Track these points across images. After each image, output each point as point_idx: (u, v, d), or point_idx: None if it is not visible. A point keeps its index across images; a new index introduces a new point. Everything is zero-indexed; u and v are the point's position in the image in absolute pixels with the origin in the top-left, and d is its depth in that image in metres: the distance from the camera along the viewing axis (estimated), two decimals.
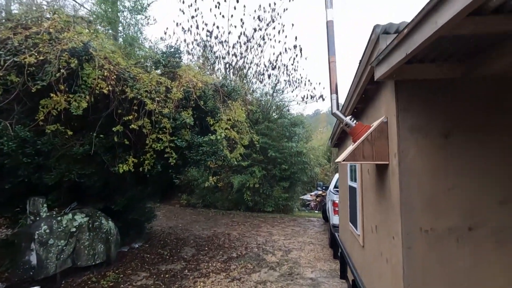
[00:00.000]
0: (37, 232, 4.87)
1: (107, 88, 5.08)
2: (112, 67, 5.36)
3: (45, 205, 5.18)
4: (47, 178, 5.10)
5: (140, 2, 7.76)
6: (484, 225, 2.14)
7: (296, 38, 16.23)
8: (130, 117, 5.33)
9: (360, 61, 2.58)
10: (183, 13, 12.52)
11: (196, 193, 13.35)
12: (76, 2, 11.02)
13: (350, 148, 2.62)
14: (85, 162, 5.56)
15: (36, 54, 4.70)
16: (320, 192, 13.69)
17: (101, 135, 5.44)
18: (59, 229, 5.14)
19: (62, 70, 4.72)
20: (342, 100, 3.82)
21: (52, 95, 4.72)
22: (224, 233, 8.88)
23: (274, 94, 13.72)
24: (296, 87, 13.75)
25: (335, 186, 8.43)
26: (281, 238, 8.57)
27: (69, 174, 5.30)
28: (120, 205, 6.37)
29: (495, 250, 2.13)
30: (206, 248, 7.37)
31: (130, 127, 5.36)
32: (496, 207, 2.14)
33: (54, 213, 5.30)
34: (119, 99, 5.45)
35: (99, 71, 5.06)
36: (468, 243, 2.13)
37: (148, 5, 7.79)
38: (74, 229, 5.36)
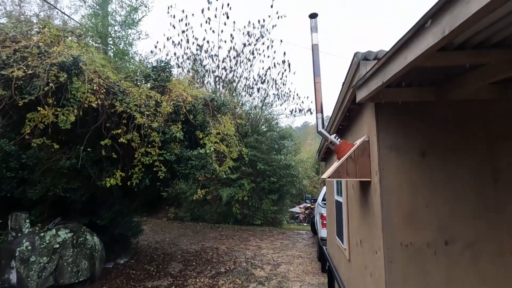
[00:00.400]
0: (18, 249, 4.72)
1: (96, 102, 5.08)
2: (101, 81, 5.39)
3: (27, 220, 5.04)
4: (31, 193, 4.98)
5: (131, 16, 7.86)
6: (459, 239, 2.27)
7: (284, 53, 16.69)
8: (119, 131, 5.33)
9: (343, 83, 2.74)
10: (174, 27, 12.72)
11: (184, 206, 13.18)
12: (65, 14, 11.03)
13: (335, 165, 2.74)
14: (71, 176, 5.47)
15: (24, 67, 4.68)
16: (308, 205, 13.79)
17: (89, 149, 5.39)
18: (42, 246, 4.99)
19: (50, 84, 4.71)
20: (330, 111, 3.95)
21: (39, 108, 4.69)
22: (212, 247, 8.78)
23: (263, 107, 13.94)
24: (285, 101, 14.04)
25: (323, 199, 8.54)
26: (270, 251, 8.55)
27: (54, 188, 5.20)
28: (106, 219, 6.25)
29: (470, 262, 2.25)
30: (194, 263, 7.26)
31: (119, 141, 5.34)
32: (470, 222, 2.28)
33: (37, 228, 5.16)
34: (108, 112, 5.45)
35: (89, 85, 5.08)
36: (445, 256, 2.25)
37: (139, 19, 7.90)
38: (57, 245, 5.22)
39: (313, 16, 2.99)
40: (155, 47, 12.74)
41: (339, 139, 2.76)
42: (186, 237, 10.10)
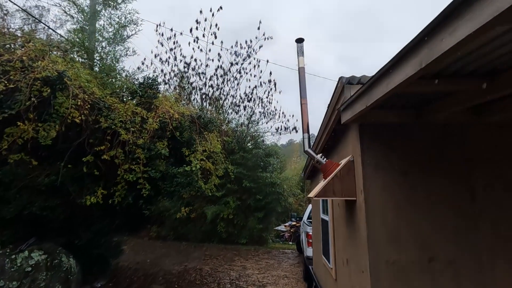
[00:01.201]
0: None
1: (79, 118, 4.98)
2: (86, 96, 5.31)
3: None
4: (5, 211, 4.71)
5: (120, 33, 7.90)
6: (442, 257, 2.33)
7: (270, 73, 17.03)
8: (103, 147, 5.21)
9: (329, 105, 2.85)
10: (162, 45, 12.84)
11: (167, 224, 12.77)
12: (50, 28, 10.91)
13: (321, 184, 2.79)
14: (49, 194, 5.24)
15: (6, 81, 4.56)
16: (294, 223, 13.72)
17: (69, 166, 5.21)
18: (12, 269, 4.67)
19: (33, 99, 4.60)
20: (316, 131, 4.02)
21: (19, 123, 4.54)
22: (196, 268, 8.49)
23: (249, 125, 14.06)
24: (271, 119, 14.23)
25: (309, 217, 8.54)
26: (255, 272, 8.35)
27: (30, 207, 4.95)
28: (85, 239, 5.95)
29: (452, 280, 2.31)
30: (176, 286, 6.97)
31: (102, 157, 5.21)
32: (451, 240, 2.36)
33: (8, 250, 4.84)
34: (92, 128, 5.34)
35: (73, 100, 4.99)
36: (429, 273, 2.30)
37: (128, 37, 7.94)
38: (29, 268, 4.89)
39: (299, 41, 3.14)
40: (143, 63, 12.74)
41: (325, 159, 2.83)
42: (169, 257, 9.73)
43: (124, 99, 6.49)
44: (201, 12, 12.34)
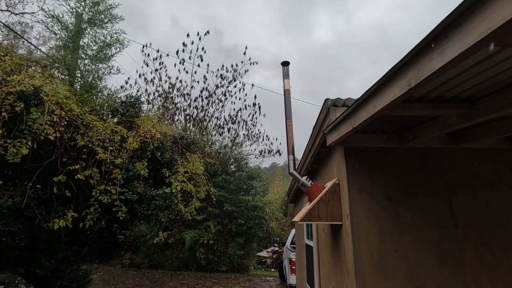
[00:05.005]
0: None
1: (54, 135, 4.73)
2: (63, 113, 5.09)
3: None
4: None
5: (104, 52, 7.82)
6: (428, 285, 2.26)
7: (255, 96, 17.31)
8: (77, 166, 4.92)
9: (314, 127, 2.85)
10: (147, 65, 12.81)
11: (142, 251, 12.01)
12: (32, 44, 10.67)
13: (306, 207, 2.71)
14: (11, 217, 4.79)
15: None
16: (276, 249, 13.34)
17: (38, 186, 4.85)
18: None
19: (3, 113, 4.35)
20: (299, 154, 4.02)
21: None
22: None
23: (233, 147, 13.96)
24: (254, 141, 14.21)
25: (292, 242, 8.32)
26: None
27: None
28: (48, 269, 5.41)
29: None
30: None
31: (75, 177, 4.91)
32: (437, 267, 2.31)
33: None
34: (67, 146, 5.07)
35: (48, 117, 4.76)
36: None
37: (112, 55, 7.86)
38: None
39: (285, 64, 3.18)
40: (126, 82, 12.57)
41: (310, 181, 2.78)
42: (142, 287, 9.04)
43: (104, 117, 6.28)
44: (188, 35, 12.56)
